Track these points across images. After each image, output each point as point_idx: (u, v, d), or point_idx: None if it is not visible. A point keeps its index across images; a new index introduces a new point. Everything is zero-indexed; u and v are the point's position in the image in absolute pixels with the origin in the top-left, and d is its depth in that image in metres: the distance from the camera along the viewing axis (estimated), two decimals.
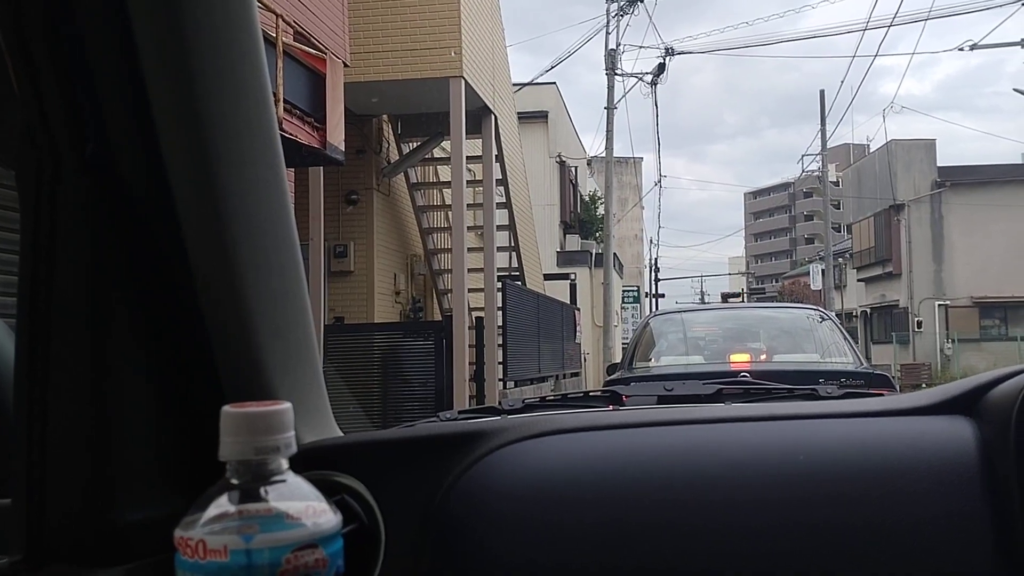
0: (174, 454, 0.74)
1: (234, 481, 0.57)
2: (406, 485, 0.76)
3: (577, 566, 0.69)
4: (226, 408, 0.57)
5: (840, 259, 33.75)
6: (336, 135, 6.82)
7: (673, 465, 0.73)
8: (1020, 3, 13.96)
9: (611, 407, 1.13)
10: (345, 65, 7.57)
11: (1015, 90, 13.86)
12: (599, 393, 1.24)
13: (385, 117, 11.55)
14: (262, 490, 0.57)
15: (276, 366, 0.74)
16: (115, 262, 0.70)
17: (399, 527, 0.74)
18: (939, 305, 27.58)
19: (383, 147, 11.58)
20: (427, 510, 0.74)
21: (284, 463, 0.59)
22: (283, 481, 0.58)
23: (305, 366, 0.79)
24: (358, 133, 10.82)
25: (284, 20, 6.12)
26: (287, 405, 0.58)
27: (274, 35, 5.91)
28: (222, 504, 0.57)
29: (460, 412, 1.13)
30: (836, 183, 34.72)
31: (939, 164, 28.77)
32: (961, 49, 15.47)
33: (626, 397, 1.18)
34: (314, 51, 6.80)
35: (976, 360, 24.23)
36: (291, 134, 6.16)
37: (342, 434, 0.84)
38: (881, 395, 1.07)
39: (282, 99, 5.95)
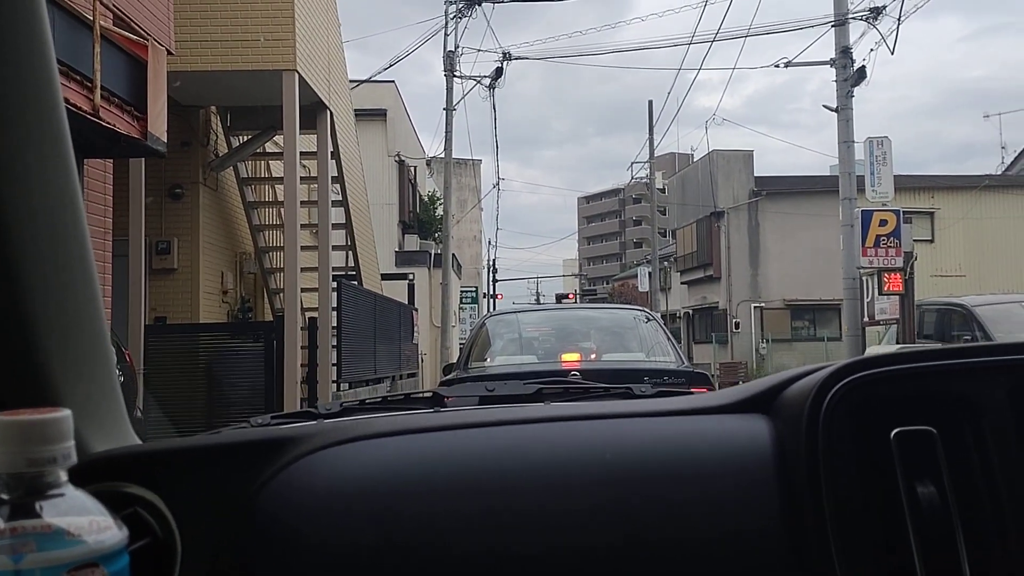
0: None
1: (4, 496, 0.53)
2: (206, 495, 0.72)
3: (376, 568, 0.68)
4: None
5: (666, 262, 35.27)
6: (158, 125, 6.48)
7: (487, 466, 0.73)
8: (830, 25, 15.01)
9: (432, 409, 1.12)
10: (169, 53, 7.20)
11: (824, 107, 14.89)
12: (420, 395, 1.22)
13: (213, 109, 11.09)
14: (37, 505, 0.53)
15: (61, 369, 0.68)
16: None
17: (197, 538, 0.70)
18: (755, 307, 29.30)
19: (211, 139, 11.11)
20: (229, 521, 0.70)
21: (63, 475, 0.55)
22: (61, 495, 0.54)
23: (96, 369, 0.73)
24: (184, 124, 10.33)
25: (102, 3, 5.75)
26: (65, 412, 0.54)
27: (91, 18, 5.54)
28: None
29: (273, 417, 1.09)
30: (663, 190, 36.21)
31: (755, 174, 30.58)
32: (777, 66, 16.45)
33: (448, 399, 1.18)
34: (135, 37, 6.42)
35: (788, 359, 25.89)
36: (109, 123, 5.79)
37: (140, 442, 0.79)
38: (691, 393, 1.12)
39: (99, 85, 5.58)
